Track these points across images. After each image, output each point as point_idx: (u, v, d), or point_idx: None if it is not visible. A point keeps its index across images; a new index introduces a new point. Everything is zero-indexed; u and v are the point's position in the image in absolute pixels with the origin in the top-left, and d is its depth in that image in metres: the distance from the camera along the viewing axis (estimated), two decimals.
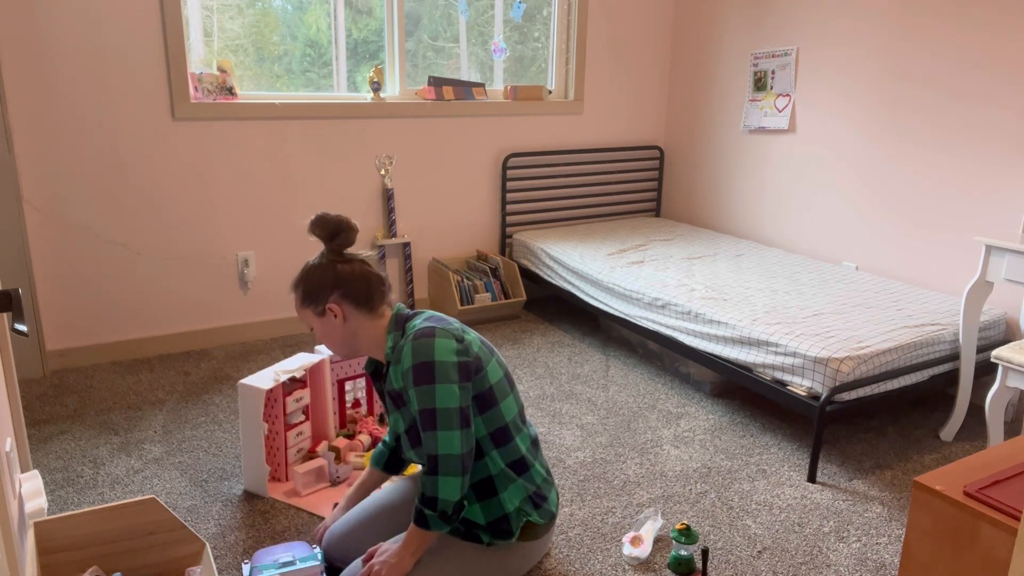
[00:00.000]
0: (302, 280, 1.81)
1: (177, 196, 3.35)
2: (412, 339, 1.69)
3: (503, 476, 1.78)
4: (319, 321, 1.80)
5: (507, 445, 1.78)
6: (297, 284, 1.82)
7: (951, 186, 3.09)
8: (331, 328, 1.80)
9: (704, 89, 4.27)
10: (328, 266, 1.79)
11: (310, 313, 1.81)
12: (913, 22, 3.16)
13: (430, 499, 1.67)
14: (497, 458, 1.77)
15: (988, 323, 2.78)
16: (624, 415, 2.91)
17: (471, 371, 1.72)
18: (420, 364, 1.66)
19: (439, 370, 1.66)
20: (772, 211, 3.94)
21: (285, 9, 3.52)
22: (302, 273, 1.81)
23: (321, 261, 1.81)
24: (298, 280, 1.81)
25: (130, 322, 3.37)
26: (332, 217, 1.80)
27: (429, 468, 1.67)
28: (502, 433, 1.77)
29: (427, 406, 1.66)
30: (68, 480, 2.40)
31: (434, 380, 1.65)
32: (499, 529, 1.79)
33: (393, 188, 3.82)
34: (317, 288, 1.78)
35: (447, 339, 1.69)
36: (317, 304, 1.79)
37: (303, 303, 1.81)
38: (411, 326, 1.77)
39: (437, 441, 1.66)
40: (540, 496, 1.84)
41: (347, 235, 1.80)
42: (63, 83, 3.04)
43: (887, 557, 2.09)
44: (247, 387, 2.23)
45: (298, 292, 1.81)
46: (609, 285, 3.38)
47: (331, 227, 1.80)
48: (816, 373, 2.44)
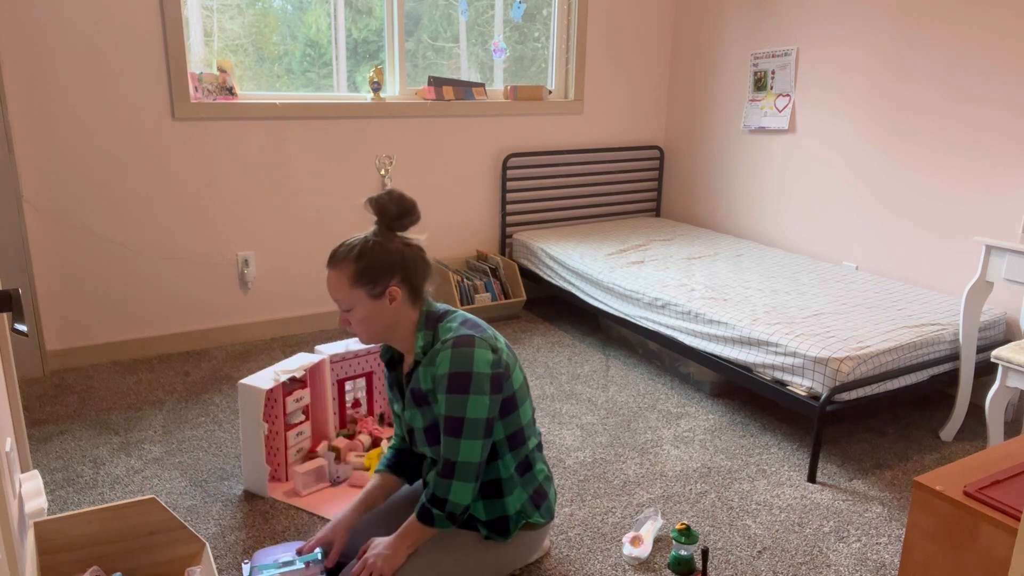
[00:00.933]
0: (363, 256, 1.66)
1: (177, 196, 3.35)
2: (452, 345, 1.64)
3: (511, 480, 1.79)
4: (369, 303, 1.67)
5: (520, 448, 1.79)
6: (355, 259, 1.66)
7: (951, 186, 3.09)
8: (379, 312, 1.69)
9: (704, 89, 4.27)
10: (393, 246, 1.69)
11: (361, 293, 1.66)
12: (913, 22, 3.16)
13: (440, 500, 1.67)
14: (510, 461, 1.78)
15: (988, 323, 2.78)
16: (624, 415, 2.91)
17: (502, 381, 1.70)
18: (457, 374, 1.63)
19: (475, 381, 1.63)
20: (772, 211, 3.94)
21: (285, 9, 3.52)
22: (360, 248, 1.67)
23: (383, 240, 1.69)
24: (355, 255, 1.66)
25: (130, 322, 3.37)
26: (406, 196, 1.72)
27: (444, 471, 1.67)
28: (518, 436, 1.78)
29: (457, 414, 1.64)
30: (68, 480, 2.40)
31: (468, 391, 1.63)
32: (498, 527, 1.80)
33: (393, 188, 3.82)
34: (381, 267, 1.66)
35: (485, 350, 1.66)
36: (376, 285, 1.66)
37: (357, 281, 1.65)
38: (445, 328, 1.71)
39: (459, 448, 1.65)
40: (541, 494, 1.85)
41: (413, 217, 1.73)
42: (63, 83, 3.04)
43: (887, 557, 2.09)
44: (247, 387, 2.23)
45: (350, 268, 1.65)
46: (609, 285, 3.38)
47: (404, 206, 1.71)
48: (816, 373, 2.44)
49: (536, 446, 1.86)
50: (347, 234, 3.77)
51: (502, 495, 1.79)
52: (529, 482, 1.82)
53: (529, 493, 1.82)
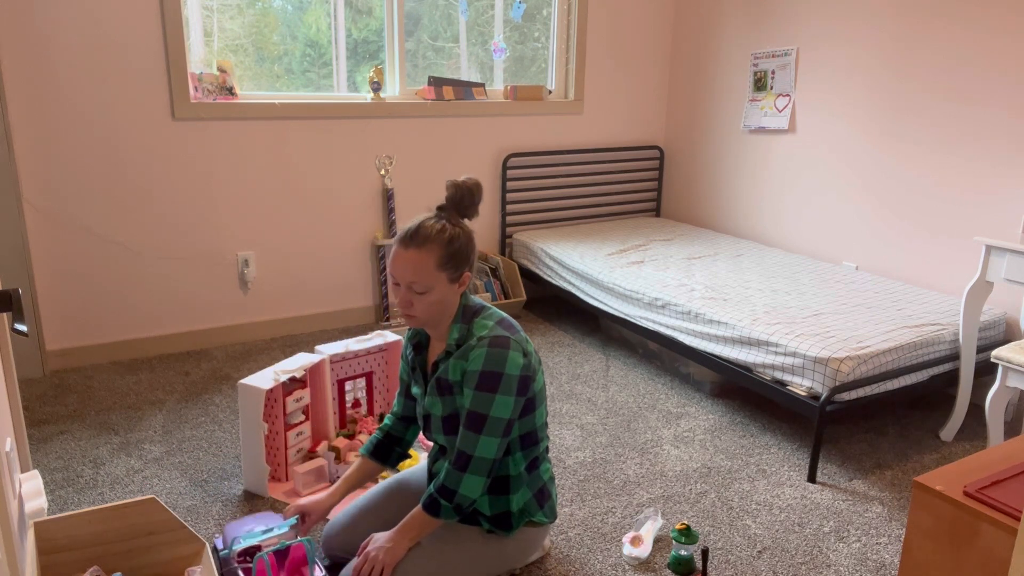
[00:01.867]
0: (452, 241, 1.68)
1: (177, 196, 3.35)
2: (488, 345, 1.67)
3: (519, 478, 1.82)
4: (445, 286, 1.69)
5: (531, 448, 1.82)
6: (445, 242, 1.67)
7: (951, 186, 3.09)
8: (447, 296, 1.71)
9: (704, 89, 4.27)
10: (469, 235, 1.73)
11: (444, 277, 1.68)
12: (913, 22, 3.16)
13: (450, 491, 1.69)
14: (520, 460, 1.81)
15: (988, 323, 2.78)
16: (624, 415, 2.91)
17: (528, 384, 1.73)
18: (489, 373, 1.66)
19: (504, 382, 1.67)
20: (772, 211, 3.94)
21: (285, 9, 3.52)
22: (450, 233, 1.68)
23: (462, 226, 1.72)
24: (446, 239, 1.67)
25: (130, 322, 3.37)
26: (481, 187, 1.77)
27: (459, 463, 1.69)
28: (531, 437, 1.81)
29: (481, 411, 1.67)
30: (68, 480, 2.40)
31: (497, 391, 1.66)
32: (500, 523, 1.81)
33: (393, 188, 3.82)
34: (464, 254, 1.71)
35: (518, 353, 1.70)
36: (458, 270, 1.70)
37: (445, 264, 1.67)
38: (480, 324, 1.73)
39: (478, 443, 1.68)
40: (545, 494, 1.87)
41: (477, 209, 1.77)
42: (63, 83, 3.04)
43: (887, 557, 2.09)
44: (247, 387, 2.23)
45: (439, 251, 1.67)
46: (609, 285, 3.38)
47: (479, 196, 1.75)
48: (816, 373, 2.44)
49: (545, 448, 1.89)
50: (346, 234, 3.77)
51: (508, 492, 1.81)
52: (535, 481, 1.85)
53: (533, 492, 1.84)
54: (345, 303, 3.86)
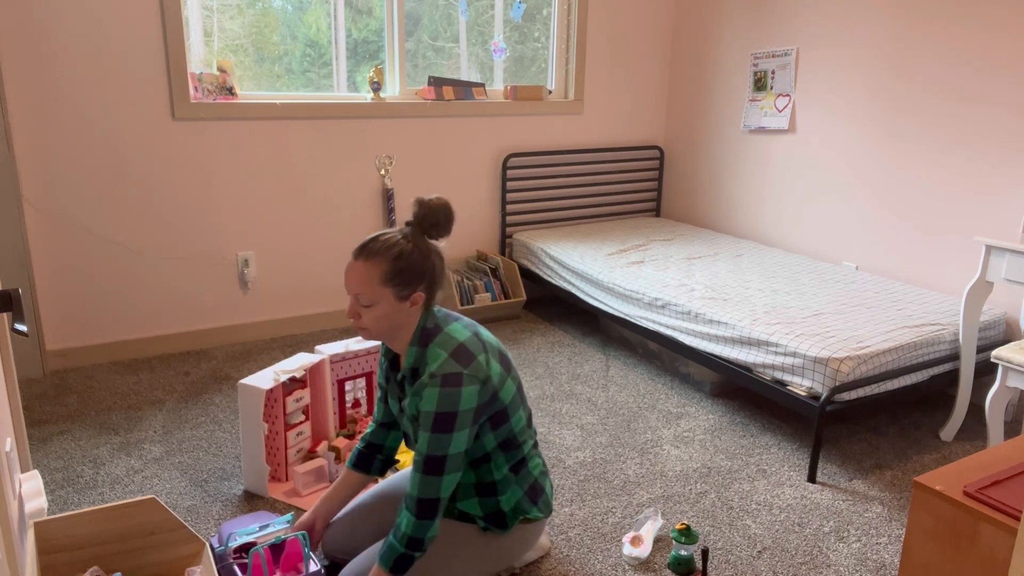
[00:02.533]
0: (401, 257, 1.66)
1: (177, 196, 3.35)
2: (440, 384, 1.61)
3: (505, 480, 1.80)
4: (392, 303, 1.66)
5: (514, 451, 1.80)
6: (393, 258, 1.65)
7: (951, 186, 3.09)
8: (396, 314, 1.68)
9: (704, 89, 4.27)
10: (428, 254, 1.70)
11: (388, 292, 1.65)
12: (913, 22, 3.16)
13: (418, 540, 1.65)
14: (502, 463, 1.79)
15: (988, 323, 2.78)
16: (624, 415, 2.91)
17: (486, 407, 1.69)
18: (443, 414, 1.61)
19: (460, 420, 1.63)
20: (772, 211, 3.94)
21: (285, 9, 3.52)
22: (399, 249, 1.66)
23: (419, 244, 1.69)
24: (394, 255, 1.66)
25: (130, 322, 3.37)
26: (452, 212, 1.72)
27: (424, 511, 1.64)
28: (510, 443, 1.79)
29: (439, 454, 1.63)
30: (68, 480, 2.40)
31: (452, 430, 1.62)
32: (495, 521, 1.81)
33: (393, 188, 3.82)
34: (415, 272, 1.67)
35: (473, 386, 1.63)
36: (405, 288, 1.66)
37: (389, 280, 1.65)
38: (433, 354, 1.66)
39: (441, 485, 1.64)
40: (538, 490, 1.86)
41: (448, 231, 1.74)
42: (63, 83, 3.04)
43: (887, 557, 2.09)
44: (247, 387, 2.23)
45: (384, 266, 1.65)
46: (609, 285, 3.38)
47: (449, 217, 1.72)
48: (816, 373, 2.44)
49: (532, 446, 1.87)
50: (346, 234, 3.77)
51: (496, 494, 1.80)
52: (524, 479, 1.83)
53: (524, 489, 1.83)
54: (345, 303, 3.86)
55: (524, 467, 1.83)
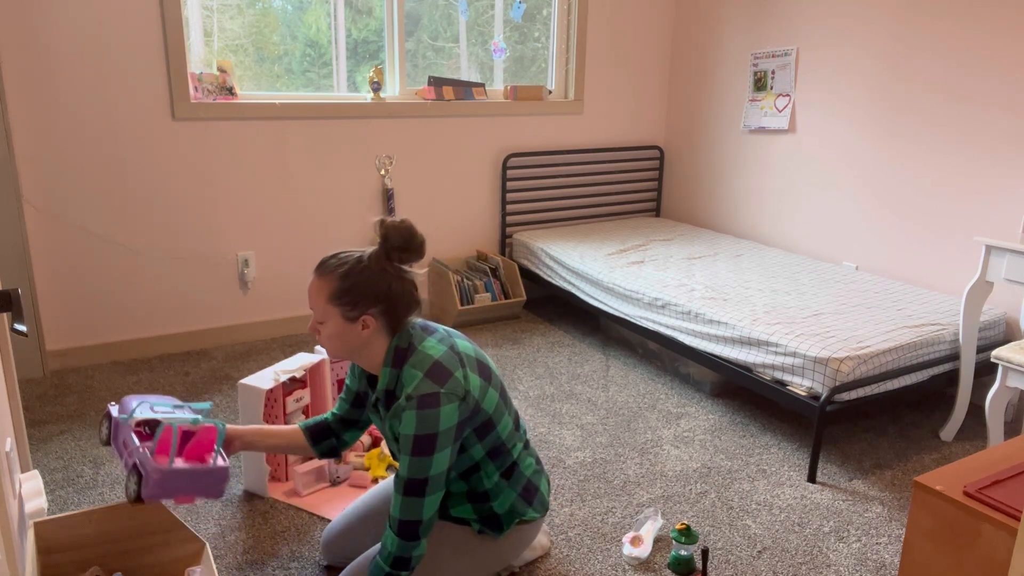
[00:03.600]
0: (349, 276, 1.62)
1: (177, 196, 3.35)
2: (417, 407, 1.57)
3: (497, 487, 1.78)
4: (341, 323, 1.63)
5: (503, 457, 1.77)
6: (341, 276, 1.62)
7: (951, 186, 3.09)
8: (348, 335, 1.64)
9: (704, 89, 4.27)
10: (382, 276, 1.64)
11: (336, 312, 1.62)
12: (913, 22, 3.16)
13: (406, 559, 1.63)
14: (493, 472, 1.76)
15: (988, 323, 2.78)
16: (624, 415, 2.91)
17: (468, 422, 1.66)
18: (423, 436, 1.57)
19: (440, 440, 1.59)
20: (772, 211, 3.94)
21: (285, 9, 3.52)
22: (349, 267, 1.62)
23: (375, 266, 1.64)
24: (342, 273, 1.62)
25: (130, 322, 3.37)
26: (416, 231, 1.64)
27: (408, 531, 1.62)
28: (499, 450, 1.76)
29: (421, 476, 1.59)
30: (68, 480, 2.40)
31: (433, 452, 1.58)
32: (490, 524, 1.79)
33: (393, 188, 3.82)
34: (362, 294, 1.62)
35: (451, 404, 1.59)
36: (353, 309, 1.62)
37: (336, 299, 1.62)
38: (409, 374, 1.61)
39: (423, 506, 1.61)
40: (532, 490, 1.84)
41: (417, 254, 1.66)
42: (63, 83, 3.04)
43: (887, 557, 2.09)
44: (247, 387, 2.23)
45: (333, 284, 1.62)
46: (609, 285, 3.38)
47: (410, 240, 1.64)
48: (816, 373, 2.43)
49: (523, 448, 1.84)
50: (346, 234, 3.77)
51: (489, 499, 1.78)
52: (517, 482, 1.80)
53: (519, 491, 1.80)
54: None
55: (516, 470, 1.80)
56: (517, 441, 1.82)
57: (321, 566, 2.01)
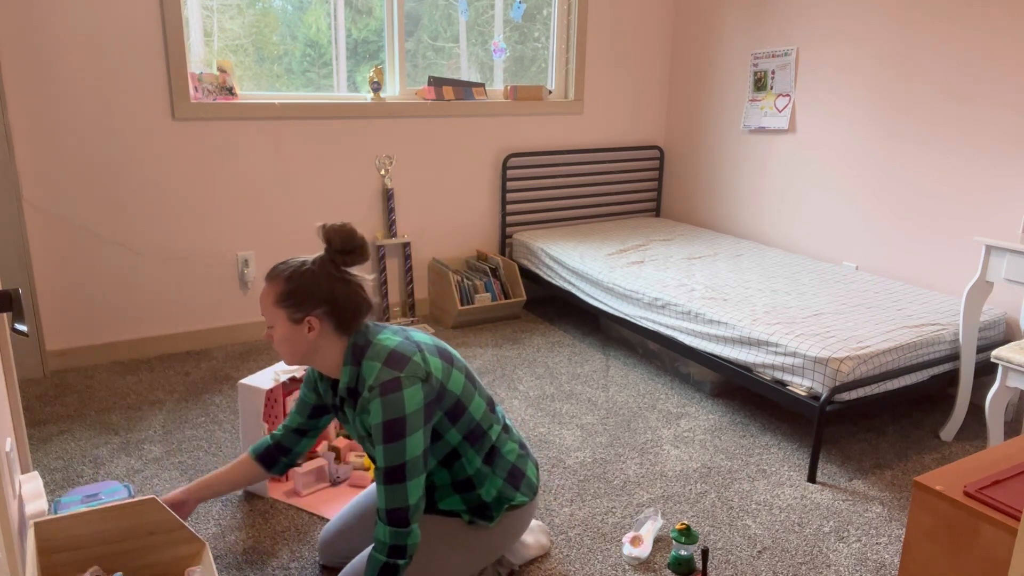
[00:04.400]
0: (292, 279, 1.67)
1: (177, 196, 3.35)
2: (380, 394, 1.59)
3: (479, 474, 1.78)
4: (287, 325, 1.68)
5: (481, 441, 1.78)
6: (285, 280, 1.67)
7: (951, 186, 3.09)
8: (296, 337, 1.69)
9: (704, 89, 4.27)
10: (325, 278, 1.68)
11: (282, 315, 1.68)
12: (913, 22, 3.16)
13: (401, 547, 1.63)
14: (474, 457, 1.77)
15: (988, 323, 2.78)
16: (624, 415, 2.91)
17: (435, 404, 1.67)
18: (391, 421, 1.59)
19: (410, 423, 1.60)
20: (772, 211, 3.94)
21: (285, 9, 3.52)
22: (292, 271, 1.68)
23: (318, 269, 1.69)
24: (286, 276, 1.67)
25: (130, 322, 3.37)
26: (356, 233, 1.68)
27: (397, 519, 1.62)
28: (475, 432, 1.76)
29: (397, 462, 1.60)
30: (68, 480, 2.40)
31: (405, 435, 1.60)
32: (480, 513, 1.79)
33: (393, 188, 3.82)
34: (305, 296, 1.66)
35: (414, 387, 1.61)
36: (297, 311, 1.67)
37: (281, 302, 1.67)
38: (368, 367, 1.64)
39: (407, 492, 1.62)
40: (518, 474, 1.83)
41: (359, 256, 1.69)
42: (63, 83, 3.04)
43: (887, 557, 2.09)
44: (247, 387, 2.23)
45: (279, 287, 1.67)
46: (609, 285, 3.38)
47: (349, 242, 1.67)
48: (816, 373, 2.43)
49: (502, 429, 1.84)
50: None
51: (475, 487, 1.78)
52: (500, 467, 1.80)
53: (504, 477, 1.80)
54: None
55: (497, 455, 1.80)
56: (494, 423, 1.82)
57: (321, 566, 2.01)
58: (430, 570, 1.75)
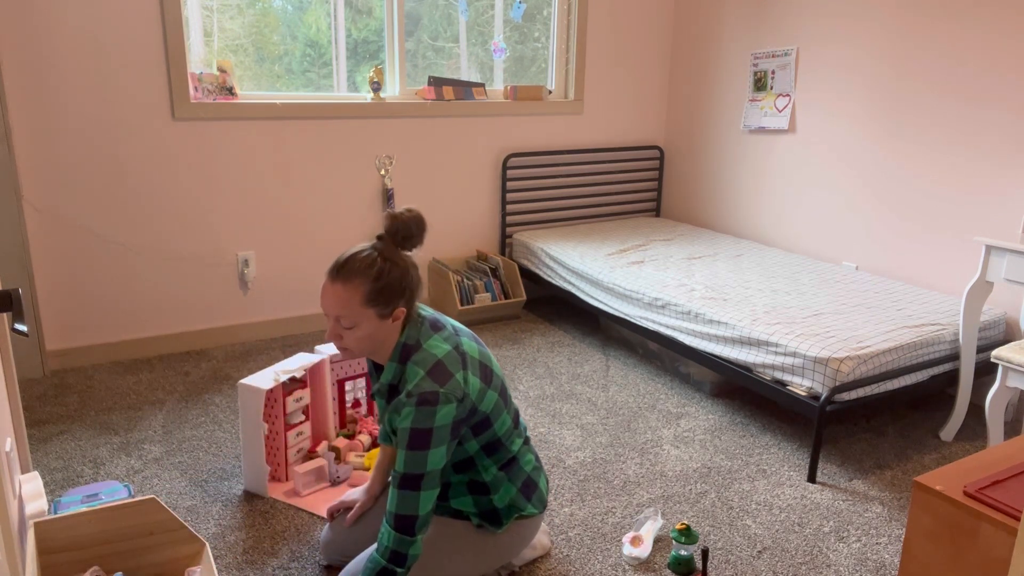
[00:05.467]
0: (382, 276, 1.63)
1: (177, 196, 3.35)
2: (416, 404, 1.59)
3: (496, 480, 1.79)
4: (374, 322, 1.64)
5: (499, 453, 1.79)
6: (373, 279, 1.62)
7: (951, 186, 3.09)
8: (381, 332, 1.66)
9: (704, 89, 4.27)
10: (405, 269, 1.67)
11: (372, 313, 1.63)
12: (913, 22, 3.16)
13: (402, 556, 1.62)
14: (490, 466, 1.79)
15: (988, 323, 2.78)
16: (624, 415, 2.91)
17: (463, 423, 1.68)
18: (419, 431, 1.59)
19: (435, 437, 1.60)
20: (772, 211, 3.94)
21: (285, 9, 3.52)
22: (378, 268, 1.63)
23: (393, 259, 1.66)
24: (374, 275, 1.62)
25: (130, 322, 3.37)
26: (424, 222, 1.68)
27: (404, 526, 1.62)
28: (494, 445, 1.78)
29: (416, 471, 1.61)
30: (68, 480, 2.40)
31: (429, 447, 1.60)
32: (489, 519, 1.80)
33: (393, 188, 3.82)
34: (395, 290, 1.64)
35: (450, 404, 1.61)
36: (388, 306, 1.64)
37: (372, 301, 1.62)
38: (412, 371, 1.64)
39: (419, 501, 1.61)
40: (531, 486, 1.85)
41: (420, 240, 1.70)
42: (63, 83, 3.04)
43: (887, 557, 2.09)
44: (247, 387, 2.23)
45: (366, 286, 1.62)
46: (609, 285, 3.38)
47: (421, 228, 1.68)
48: (816, 373, 2.43)
49: (523, 442, 1.86)
50: (346, 234, 3.77)
51: (489, 492, 1.79)
52: (517, 476, 1.82)
53: (518, 486, 1.82)
54: None
55: (515, 464, 1.82)
56: (516, 438, 1.84)
57: (321, 566, 2.01)
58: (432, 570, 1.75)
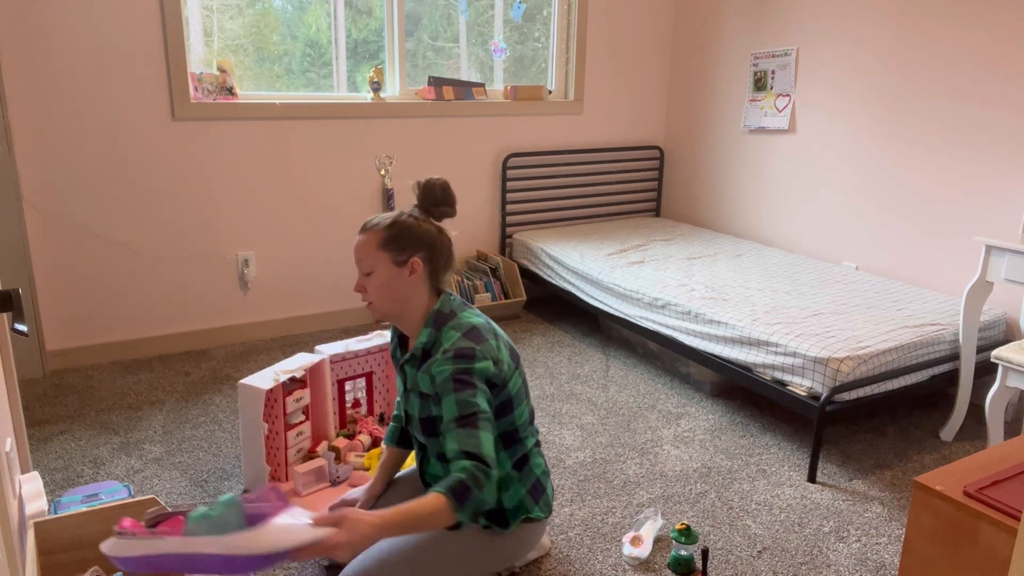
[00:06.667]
0: (395, 225, 1.73)
1: (177, 196, 3.35)
2: (453, 356, 1.65)
3: (507, 478, 1.80)
4: (391, 269, 1.72)
5: (515, 446, 1.81)
6: (387, 227, 1.72)
7: (951, 186, 3.09)
8: (397, 282, 1.73)
9: (704, 89, 4.27)
10: (427, 225, 1.76)
11: (386, 258, 1.72)
12: (913, 22, 3.16)
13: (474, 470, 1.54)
14: (505, 460, 1.80)
15: (988, 323, 2.78)
16: (624, 415, 2.91)
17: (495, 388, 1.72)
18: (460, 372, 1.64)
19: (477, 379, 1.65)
20: (772, 211, 3.94)
21: (285, 9, 3.52)
22: (394, 219, 1.74)
23: (419, 217, 1.76)
24: (388, 223, 1.73)
25: (130, 322, 3.37)
26: (451, 189, 1.78)
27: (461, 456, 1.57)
28: (511, 436, 1.79)
29: (469, 411, 1.61)
30: (68, 480, 2.40)
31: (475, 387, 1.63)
32: (496, 518, 1.80)
33: (393, 188, 3.82)
34: (411, 238, 1.72)
35: (486, 360, 1.67)
36: (402, 252, 1.72)
37: (385, 245, 1.71)
38: (447, 335, 1.71)
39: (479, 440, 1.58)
40: (539, 489, 1.86)
41: (450, 210, 1.79)
42: (63, 83, 3.04)
43: (887, 557, 2.09)
44: (247, 387, 2.23)
45: (382, 232, 1.72)
46: (609, 285, 3.38)
47: (447, 194, 1.77)
48: (816, 373, 2.43)
49: (534, 444, 1.87)
50: (347, 234, 3.77)
51: (500, 490, 1.80)
52: (527, 477, 1.83)
53: (527, 488, 1.83)
54: (345, 303, 3.86)
55: (527, 464, 1.83)
56: (530, 435, 1.85)
57: (321, 566, 2.01)
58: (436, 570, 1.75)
